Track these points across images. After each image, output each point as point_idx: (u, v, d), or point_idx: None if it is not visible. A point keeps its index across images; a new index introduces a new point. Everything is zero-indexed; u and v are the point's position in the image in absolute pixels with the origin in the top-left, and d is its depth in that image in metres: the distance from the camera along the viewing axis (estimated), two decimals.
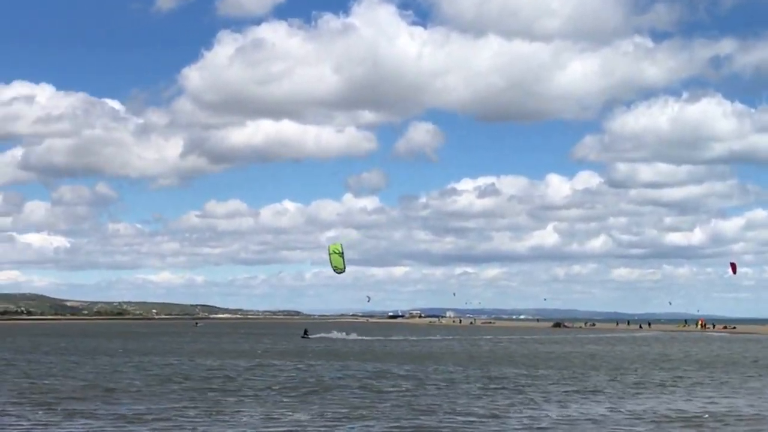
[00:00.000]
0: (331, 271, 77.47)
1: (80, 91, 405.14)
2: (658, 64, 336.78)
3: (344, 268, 75.66)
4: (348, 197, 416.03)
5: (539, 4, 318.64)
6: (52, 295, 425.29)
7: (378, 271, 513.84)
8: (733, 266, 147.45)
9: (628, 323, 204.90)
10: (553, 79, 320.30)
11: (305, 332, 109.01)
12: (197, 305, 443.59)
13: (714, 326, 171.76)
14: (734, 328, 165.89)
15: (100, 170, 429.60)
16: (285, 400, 33.29)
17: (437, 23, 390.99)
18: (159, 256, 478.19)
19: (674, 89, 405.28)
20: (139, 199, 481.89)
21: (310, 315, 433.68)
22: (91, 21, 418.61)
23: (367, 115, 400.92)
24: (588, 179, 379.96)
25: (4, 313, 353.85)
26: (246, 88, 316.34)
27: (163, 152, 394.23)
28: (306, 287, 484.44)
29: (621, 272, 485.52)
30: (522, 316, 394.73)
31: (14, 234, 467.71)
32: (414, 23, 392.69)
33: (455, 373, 46.60)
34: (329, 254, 74.42)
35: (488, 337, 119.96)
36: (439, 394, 35.25)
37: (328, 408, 30.43)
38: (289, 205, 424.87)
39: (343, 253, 74.80)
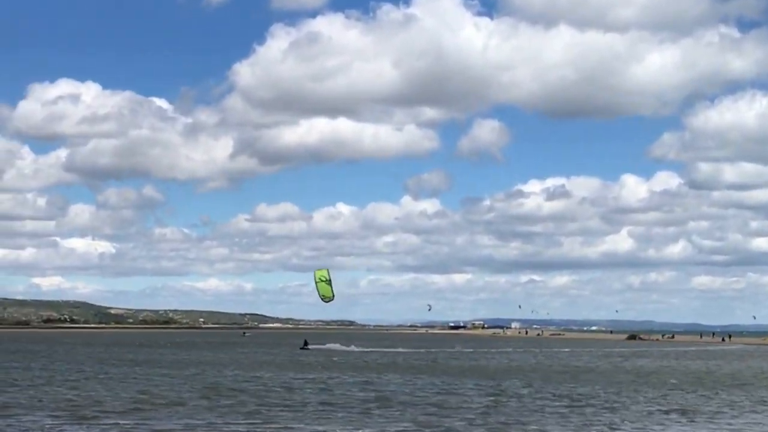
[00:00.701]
0: (388, 278, 77.76)
1: (127, 89, 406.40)
2: (745, 56, 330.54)
3: (333, 296, 73.64)
4: (407, 200, 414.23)
5: None
6: (96, 303, 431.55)
7: (438, 279, 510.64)
8: None
9: (713, 335, 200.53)
10: (630, 72, 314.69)
11: (305, 343, 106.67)
12: (246, 314, 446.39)
13: None
14: None
15: (146, 172, 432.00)
16: (340, 415, 32.91)
17: (504, 13, 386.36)
18: (207, 262, 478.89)
19: (762, 83, 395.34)
20: (186, 203, 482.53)
21: (365, 325, 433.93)
22: (138, 17, 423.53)
23: (429, 112, 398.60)
24: (667, 180, 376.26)
25: (48, 320, 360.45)
26: (300, 84, 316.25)
27: (212, 153, 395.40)
28: (361, 295, 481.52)
29: (702, 280, 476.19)
30: (593, 328, 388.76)
31: (58, 239, 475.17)
32: (479, 13, 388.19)
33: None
34: (316, 282, 72.71)
35: (566, 350, 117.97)
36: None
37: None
38: (343, 208, 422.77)
39: (330, 280, 73.26)
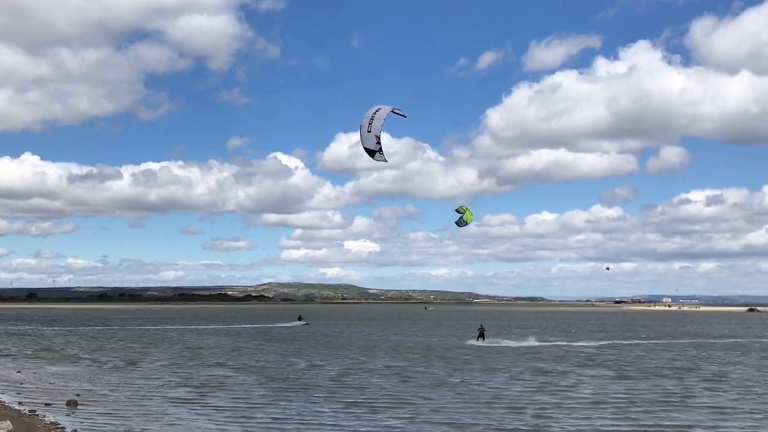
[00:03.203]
0: (573, 266, 76.76)
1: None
2: None
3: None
4: (596, 207, 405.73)
5: None
6: (360, 285, 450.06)
7: (612, 266, 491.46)
8: None
9: None
10: None
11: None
12: (464, 293, 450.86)
13: None
14: None
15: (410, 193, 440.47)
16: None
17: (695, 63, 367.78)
18: (442, 256, 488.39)
19: None
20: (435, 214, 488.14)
21: (551, 300, 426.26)
22: (418, 79, 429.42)
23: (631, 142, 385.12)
24: None
25: (325, 298, 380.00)
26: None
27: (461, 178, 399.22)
28: (551, 278, 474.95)
29: None
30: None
31: (342, 241, 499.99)
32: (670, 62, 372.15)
33: None
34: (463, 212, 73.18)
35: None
36: None
37: None
38: (547, 215, 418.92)
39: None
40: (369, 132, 20.89)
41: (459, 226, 28.48)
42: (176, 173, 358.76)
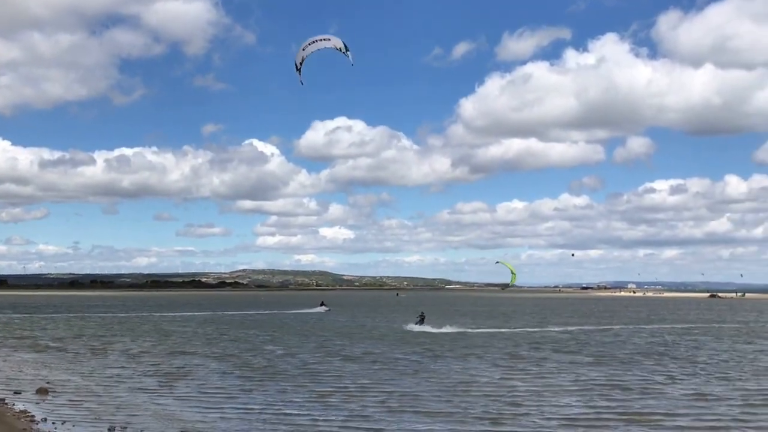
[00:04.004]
0: (541, 253, 78.68)
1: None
2: None
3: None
4: (565, 196, 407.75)
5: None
6: (335, 272, 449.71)
7: (578, 253, 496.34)
8: None
9: None
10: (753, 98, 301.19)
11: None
12: (436, 279, 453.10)
13: None
14: None
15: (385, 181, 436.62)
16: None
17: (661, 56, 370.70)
18: (415, 243, 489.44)
19: None
20: (408, 201, 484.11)
21: (521, 287, 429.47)
22: (392, 70, 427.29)
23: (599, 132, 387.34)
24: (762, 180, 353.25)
25: (300, 284, 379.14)
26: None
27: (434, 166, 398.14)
28: (521, 265, 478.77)
29: None
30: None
31: (316, 228, 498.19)
32: (638, 55, 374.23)
33: None
34: (513, 274, 77.40)
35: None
36: None
37: None
38: (517, 203, 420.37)
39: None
40: (303, 50, 22.12)
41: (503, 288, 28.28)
42: (150, 159, 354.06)
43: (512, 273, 78.16)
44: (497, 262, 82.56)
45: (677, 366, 30.60)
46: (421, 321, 53.67)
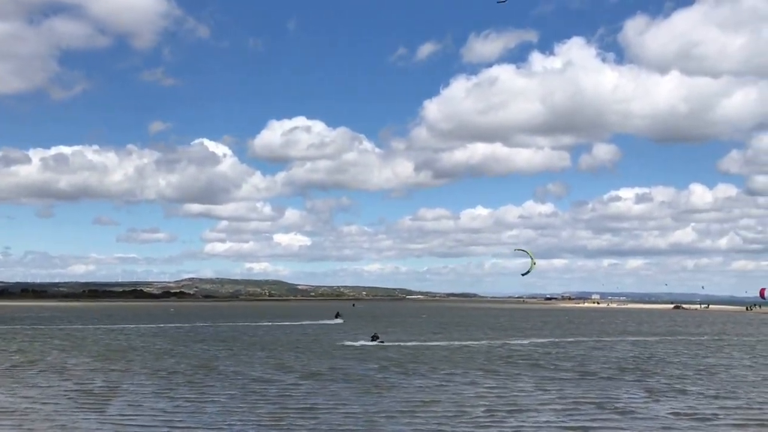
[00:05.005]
0: (505, 262, 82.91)
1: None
2: None
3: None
4: (530, 203, 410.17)
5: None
6: (289, 281, 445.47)
7: (542, 263, 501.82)
8: (762, 291, 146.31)
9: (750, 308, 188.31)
10: (719, 106, 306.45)
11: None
12: (396, 289, 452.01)
13: None
14: None
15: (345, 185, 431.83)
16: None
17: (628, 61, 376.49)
18: (376, 251, 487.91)
19: None
20: (369, 207, 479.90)
21: (484, 297, 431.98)
22: (357, 70, 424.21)
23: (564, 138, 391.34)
24: (726, 189, 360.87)
25: (251, 294, 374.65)
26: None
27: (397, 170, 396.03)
28: (485, 275, 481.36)
29: (740, 264, 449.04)
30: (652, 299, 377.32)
31: (271, 234, 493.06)
32: (604, 60, 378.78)
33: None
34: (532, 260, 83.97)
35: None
36: None
37: None
38: (482, 210, 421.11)
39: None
40: None
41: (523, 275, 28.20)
42: (91, 158, 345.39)
43: (532, 259, 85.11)
44: (516, 250, 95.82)
45: (658, 382, 29.69)
46: (375, 338, 51.86)
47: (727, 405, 23.95)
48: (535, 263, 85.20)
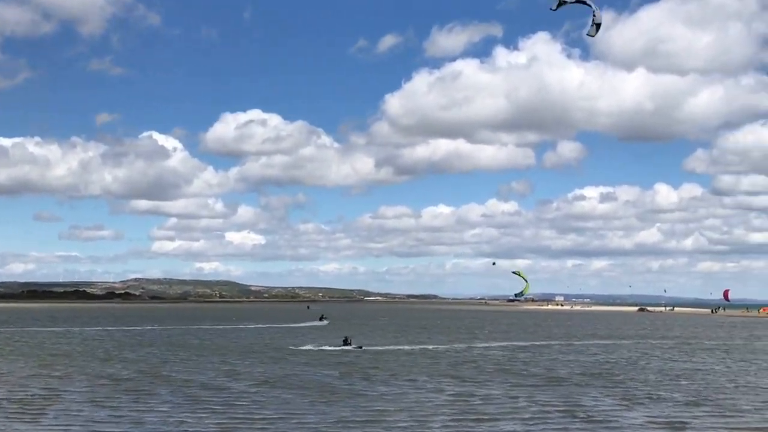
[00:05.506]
0: (467, 262, 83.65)
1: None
2: None
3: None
4: (492, 202, 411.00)
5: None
6: (241, 282, 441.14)
7: (505, 263, 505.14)
8: (726, 293, 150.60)
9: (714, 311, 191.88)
10: (685, 105, 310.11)
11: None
12: (354, 290, 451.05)
13: None
14: None
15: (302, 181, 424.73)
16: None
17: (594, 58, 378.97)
18: (334, 250, 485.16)
19: None
20: (327, 204, 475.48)
21: (445, 298, 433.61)
22: (316, 62, 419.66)
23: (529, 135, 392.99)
24: (692, 189, 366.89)
25: (201, 296, 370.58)
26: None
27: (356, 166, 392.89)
28: (446, 275, 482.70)
29: (705, 265, 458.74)
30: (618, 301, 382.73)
31: (223, 233, 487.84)
32: (569, 56, 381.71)
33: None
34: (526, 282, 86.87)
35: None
36: None
37: None
38: (444, 209, 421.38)
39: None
40: None
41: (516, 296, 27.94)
42: (32, 151, 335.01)
43: (526, 282, 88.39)
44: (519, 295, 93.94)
45: (631, 388, 29.47)
46: (346, 343, 50.51)
47: (703, 412, 23.77)
48: (528, 286, 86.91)
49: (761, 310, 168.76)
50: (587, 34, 21.91)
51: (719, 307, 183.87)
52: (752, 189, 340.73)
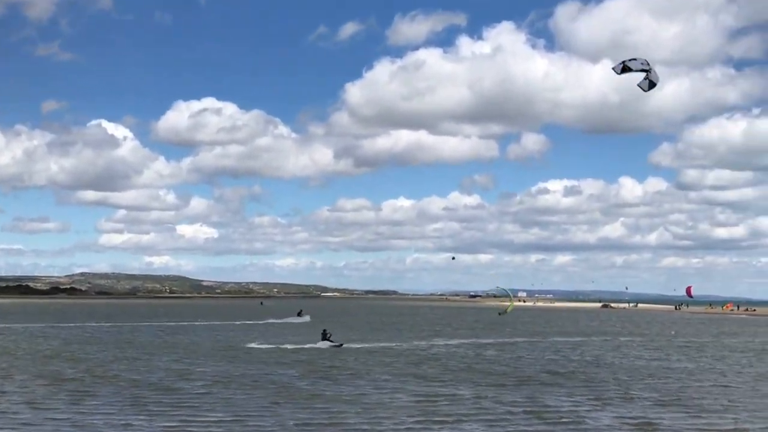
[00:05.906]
0: (428, 257, 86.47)
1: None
2: (738, 89, 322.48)
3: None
4: (455, 195, 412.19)
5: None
6: (192, 277, 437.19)
7: (467, 258, 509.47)
8: (689, 290, 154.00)
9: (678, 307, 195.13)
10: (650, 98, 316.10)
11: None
12: (311, 285, 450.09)
13: (738, 308, 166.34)
14: (754, 310, 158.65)
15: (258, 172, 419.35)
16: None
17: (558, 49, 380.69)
18: (290, 244, 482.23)
19: (746, 108, 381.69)
20: (283, 196, 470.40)
21: (405, 294, 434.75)
22: (275, 49, 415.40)
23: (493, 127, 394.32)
24: (656, 183, 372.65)
25: (151, 291, 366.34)
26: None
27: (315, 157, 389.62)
28: (406, 270, 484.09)
29: (669, 260, 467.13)
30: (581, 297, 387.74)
31: (174, 225, 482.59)
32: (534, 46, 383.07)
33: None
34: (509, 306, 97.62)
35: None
36: None
37: None
38: (404, 201, 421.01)
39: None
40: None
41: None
42: None
43: (510, 301, 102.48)
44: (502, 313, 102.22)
45: (601, 387, 29.45)
46: (325, 338, 49.18)
47: (676, 412, 23.76)
48: (512, 305, 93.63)
49: (725, 307, 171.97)
50: (638, 85, 22.05)
51: (682, 304, 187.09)
52: (717, 183, 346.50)
